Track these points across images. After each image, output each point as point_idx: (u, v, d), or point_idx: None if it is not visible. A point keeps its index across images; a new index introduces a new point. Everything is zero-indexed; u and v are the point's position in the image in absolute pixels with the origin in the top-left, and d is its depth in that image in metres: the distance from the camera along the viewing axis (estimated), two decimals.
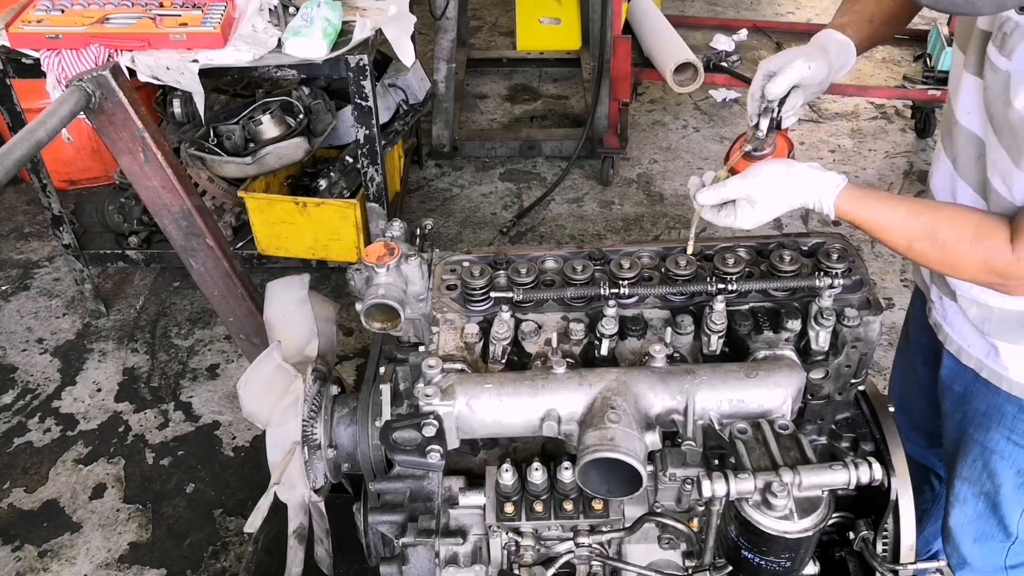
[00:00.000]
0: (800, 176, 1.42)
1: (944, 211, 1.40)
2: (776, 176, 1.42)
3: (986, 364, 1.55)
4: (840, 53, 1.57)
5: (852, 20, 1.61)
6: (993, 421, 1.58)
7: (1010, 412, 1.56)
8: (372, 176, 3.13)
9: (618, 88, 3.98)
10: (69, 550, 2.69)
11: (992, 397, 1.57)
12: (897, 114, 4.64)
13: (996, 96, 1.30)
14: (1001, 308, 1.49)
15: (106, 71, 1.74)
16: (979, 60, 1.36)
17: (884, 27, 1.63)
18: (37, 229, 4.01)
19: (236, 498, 2.82)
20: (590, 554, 1.48)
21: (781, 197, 1.42)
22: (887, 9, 1.61)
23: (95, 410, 3.15)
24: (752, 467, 1.25)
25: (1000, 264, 1.33)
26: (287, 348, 1.69)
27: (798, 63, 1.50)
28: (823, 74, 1.53)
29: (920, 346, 1.80)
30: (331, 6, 2.85)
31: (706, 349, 1.48)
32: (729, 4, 5.76)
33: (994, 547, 1.70)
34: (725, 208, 1.47)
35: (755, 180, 1.43)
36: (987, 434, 1.60)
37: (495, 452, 1.60)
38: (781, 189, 1.42)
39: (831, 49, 1.56)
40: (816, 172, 1.42)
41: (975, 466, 1.65)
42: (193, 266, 2.05)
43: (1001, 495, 1.63)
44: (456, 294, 1.55)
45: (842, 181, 1.41)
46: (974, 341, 1.57)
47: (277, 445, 1.58)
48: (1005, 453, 1.59)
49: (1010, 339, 1.50)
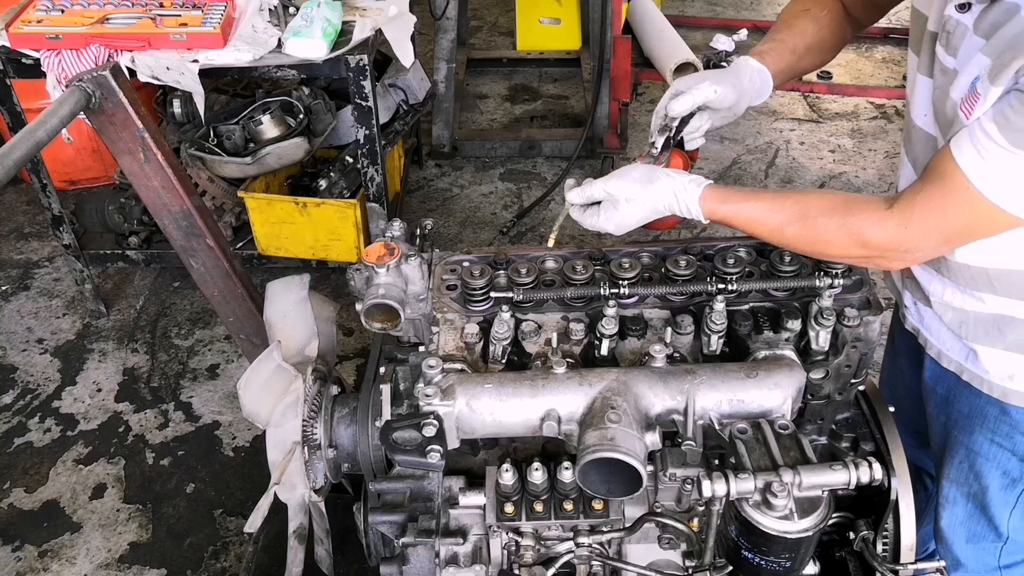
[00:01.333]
0: (661, 179, 1.46)
1: (813, 194, 1.44)
2: (638, 178, 1.47)
3: (966, 367, 1.56)
4: (754, 80, 1.60)
5: (773, 48, 1.64)
6: (976, 423, 1.58)
7: (992, 414, 1.56)
8: (372, 176, 3.13)
9: (618, 88, 3.98)
10: (69, 550, 2.69)
11: (974, 399, 1.57)
12: (897, 114, 4.64)
13: (944, 95, 1.31)
14: (976, 312, 1.49)
15: (106, 71, 1.74)
16: (930, 61, 1.38)
17: (808, 57, 1.67)
18: (37, 229, 4.01)
19: (236, 498, 2.83)
20: (590, 554, 1.48)
21: (643, 199, 1.46)
22: (811, 40, 1.65)
23: (95, 410, 3.15)
24: (752, 467, 1.25)
25: (872, 236, 1.34)
26: (287, 348, 1.69)
27: (704, 86, 1.53)
28: (731, 100, 1.57)
29: (904, 349, 1.80)
30: (331, 6, 2.85)
31: (706, 349, 1.48)
32: (729, 4, 5.76)
33: (986, 547, 1.70)
34: (591, 208, 1.52)
35: (618, 181, 1.47)
36: (971, 436, 1.60)
37: (495, 452, 1.60)
38: (643, 191, 1.46)
39: (745, 76, 1.59)
40: (678, 175, 1.47)
41: (961, 468, 1.65)
42: (193, 266, 2.05)
43: (988, 496, 1.63)
44: (456, 294, 1.55)
45: (703, 181, 1.45)
46: (953, 345, 1.57)
47: (277, 445, 1.58)
48: (989, 455, 1.59)
49: (987, 342, 1.50)
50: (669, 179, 1.46)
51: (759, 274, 1.53)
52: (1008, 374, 1.50)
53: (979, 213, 1.25)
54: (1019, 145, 1.16)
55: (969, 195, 1.24)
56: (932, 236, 1.33)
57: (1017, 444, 1.55)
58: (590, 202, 1.52)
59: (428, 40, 4.51)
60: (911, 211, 1.31)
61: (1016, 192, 1.21)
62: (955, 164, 1.24)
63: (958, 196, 1.25)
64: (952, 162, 1.24)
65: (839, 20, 1.66)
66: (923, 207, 1.30)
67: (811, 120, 4.64)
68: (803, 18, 1.66)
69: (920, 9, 1.41)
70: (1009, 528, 1.65)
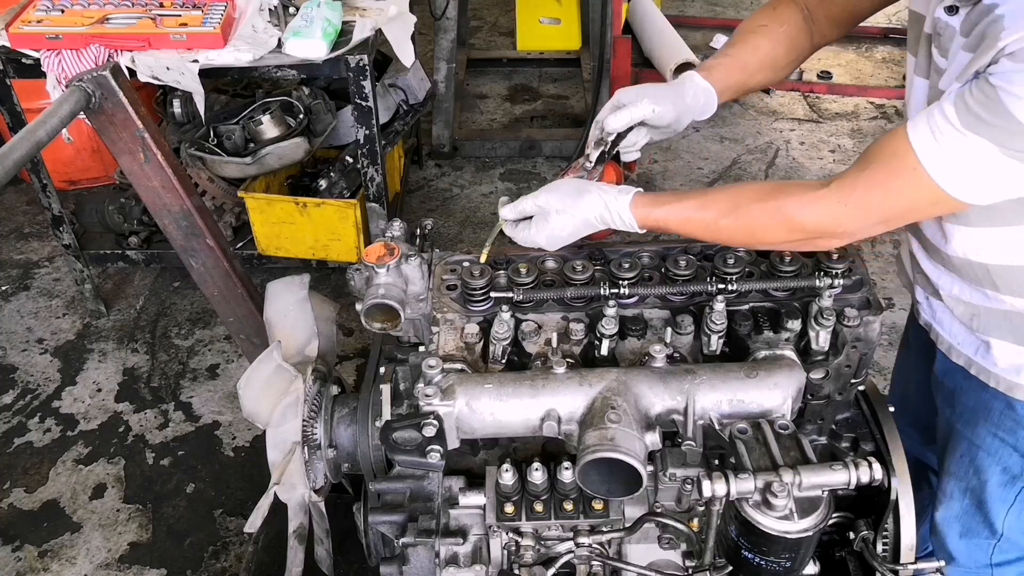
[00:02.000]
0: (592, 191, 1.48)
1: (745, 184, 1.46)
2: (568, 192, 1.49)
3: (975, 360, 1.56)
4: (698, 97, 1.61)
5: (722, 64, 1.65)
6: (980, 417, 1.59)
7: (997, 408, 1.56)
8: (372, 176, 3.13)
9: (618, 88, 3.98)
10: (69, 550, 2.69)
11: (980, 393, 1.57)
12: (897, 114, 4.65)
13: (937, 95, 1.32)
14: (986, 307, 1.50)
15: (106, 71, 1.73)
16: (927, 62, 1.39)
17: (760, 74, 1.67)
18: (37, 229, 4.01)
19: (236, 498, 2.83)
20: (590, 554, 1.48)
21: (573, 211, 1.47)
22: (764, 57, 1.65)
23: (95, 410, 3.15)
24: (752, 467, 1.25)
25: (806, 218, 1.35)
26: (287, 348, 1.69)
27: (643, 103, 1.55)
28: (670, 117, 1.58)
29: (916, 343, 1.81)
30: (331, 6, 2.85)
31: (706, 349, 1.48)
32: (729, 4, 5.76)
33: (980, 544, 1.70)
34: (523, 223, 1.53)
35: (548, 195, 1.49)
36: (974, 430, 1.61)
37: (495, 452, 1.60)
38: (573, 204, 1.47)
39: (688, 93, 1.60)
40: (608, 187, 1.49)
41: (962, 461, 1.65)
42: (193, 266, 2.05)
43: (987, 492, 1.63)
44: (456, 294, 1.55)
45: (631, 190, 1.47)
46: (964, 339, 1.58)
47: (277, 445, 1.58)
48: (991, 449, 1.59)
49: (999, 335, 1.51)
50: (599, 191, 1.48)
51: (759, 274, 1.54)
52: (1016, 367, 1.50)
53: (923, 194, 1.27)
54: (972, 128, 1.18)
55: (916, 175, 1.25)
56: (871, 214, 1.33)
57: (1020, 439, 1.55)
58: (522, 216, 1.53)
59: (428, 40, 4.51)
60: (852, 188, 1.33)
61: (962, 176, 1.23)
62: (908, 143, 1.25)
63: (905, 175, 1.27)
64: (905, 141, 1.25)
65: (796, 36, 1.65)
66: (867, 184, 1.31)
67: (811, 120, 4.64)
68: (758, 34, 1.65)
69: (917, 11, 1.42)
70: (1005, 526, 1.65)
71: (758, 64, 1.65)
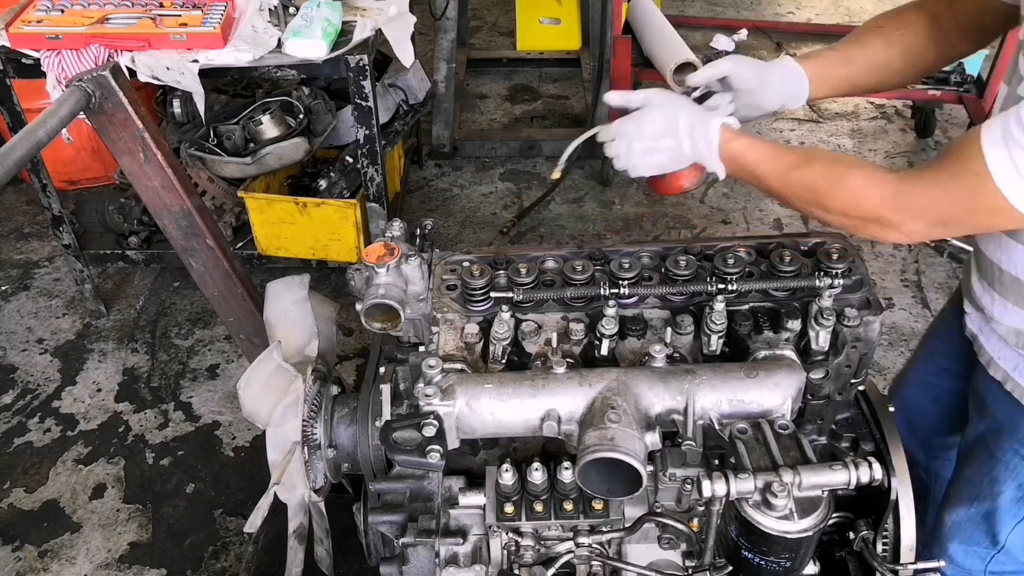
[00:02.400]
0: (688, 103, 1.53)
1: (824, 151, 1.44)
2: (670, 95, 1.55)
3: (1012, 377, 1.53)
4: (786, 78, 1.58)
5: (822, 55, 1.62)
6: (1007, 431, 1.57)
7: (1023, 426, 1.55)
8: (372, 176, 3.13)
9: (618, 88, 3.98)
10: (69, 550, 2.69)
11: (1012, 408, 1.55)
12: (897, 114, 4.64)
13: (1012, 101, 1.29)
14: None
15: (106, 71, 1.73)
16: (1012, 68, 1.35)
17: (867, 74, 1.61)
18: (37, 229, 4.01)
19: (236, 498, 2.82)
20: (590, 554, 1.48)
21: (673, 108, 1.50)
22: (874, 57, 1.59)
23: (95, 410, 3.15)
24: (752, 467, 1.25)
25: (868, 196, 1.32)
26: (287, 348, 1.69)
27: (725, 61, 1.58)
28: (752, 83, 1.58)
29: (943, 349, 1.78)
30: (331, 6, 2.85)
31: (706, 349, 1.48)
32: (729, 4, 5.76)
33: (979, 551, 1.69)
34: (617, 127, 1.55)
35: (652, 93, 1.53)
36: (998, 443, 1.59)
37: (495, 452, 1.60)
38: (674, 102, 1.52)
39: (776, 71, 1.59)
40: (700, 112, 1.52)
41: (981, 471, 1.64)
42: (193, 266, 2.05)
43: (998, 505, 1.62)
44: (456, 294, 1.55)
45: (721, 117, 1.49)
46: (1005, 354, 1.54)
47: (277, 445, 1.58)
48: (1011, 465, 1.58)
49: None
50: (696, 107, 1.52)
51: (759, 274, 1.53)
52: None
53: (984, 201, 1.22)
54: None
55: (980, 181, 1.20)
56: (929, 212, 1.29)
57: None
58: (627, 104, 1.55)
59: (428, 40, 4.51)
60: (916, 181, 1.29)
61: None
62: (979, 146, 1.20)
63: (969, 179, 1.22)
64: (977, 143, 1.21)
65: (916, 43, 1.57)
66: (930, 180, 1.28)
67: (811, 120, 4.64)
68: (871, 33, 1.60)
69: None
70: (1008, 540, 1.64)
71: (865, 62, 1.59)
